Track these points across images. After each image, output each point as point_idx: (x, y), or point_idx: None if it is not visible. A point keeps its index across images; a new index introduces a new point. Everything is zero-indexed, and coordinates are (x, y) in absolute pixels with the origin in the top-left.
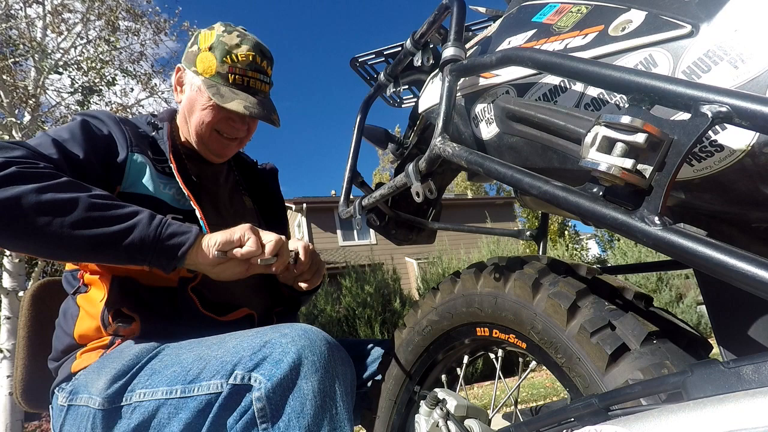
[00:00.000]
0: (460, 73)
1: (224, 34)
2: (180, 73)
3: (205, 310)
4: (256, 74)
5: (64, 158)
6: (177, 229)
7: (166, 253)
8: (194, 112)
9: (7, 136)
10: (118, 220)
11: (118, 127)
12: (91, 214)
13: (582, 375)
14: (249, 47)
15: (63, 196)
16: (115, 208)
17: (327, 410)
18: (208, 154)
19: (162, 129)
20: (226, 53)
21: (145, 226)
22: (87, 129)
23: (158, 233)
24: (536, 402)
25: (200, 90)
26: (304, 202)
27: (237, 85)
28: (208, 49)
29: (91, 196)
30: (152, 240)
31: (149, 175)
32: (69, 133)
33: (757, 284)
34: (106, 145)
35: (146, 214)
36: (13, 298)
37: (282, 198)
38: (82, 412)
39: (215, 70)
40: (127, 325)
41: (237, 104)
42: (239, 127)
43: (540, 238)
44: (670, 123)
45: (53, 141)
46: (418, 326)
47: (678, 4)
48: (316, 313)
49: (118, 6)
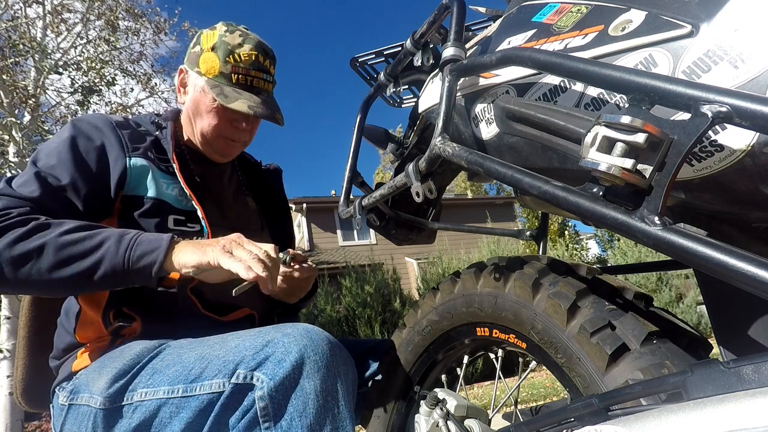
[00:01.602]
0: (460, 73)
1: (226, 34)
2: (183, 74)
3: (206, 311)
4: (260, 73)
5: (45, 192)
6: (146, 248)
7: (140, 274)
8: (200, 114)
9: (7, 136)
10: (87, 254)
11: (114, 133)
12: (61, 254)
13: (582, 375)
14: (251, 46)
15: (32, 244)
16: (83, 241)
17: (329, 409)
18: (213, 154)
19: (166, 128)
20: (229, 53)
21: (112, 255)
22: (74, 148)
23: (127, 258)
24: (536, 402)
25: (204, 91)
26: (304, 202)
27: (240, 84)
28: (211, 49)
29: (59, 234)
30: (123, 266)
31: (152, 177)
32: (56, 158)
33: (757, 284)
34: (97, 157)
35: (113, 240)
36: (13, 298)
37: (286, 199)
38: (83, 412)
39: (218, 71)
40: (128, 324)
41: (241, 104)
42: (243, 127)
43: (540, 238)
44: (670, 123)
45: (35, 175)
46: (418, 326)
47: (678, 4)
48: (316, 313)
49: (117, 6)
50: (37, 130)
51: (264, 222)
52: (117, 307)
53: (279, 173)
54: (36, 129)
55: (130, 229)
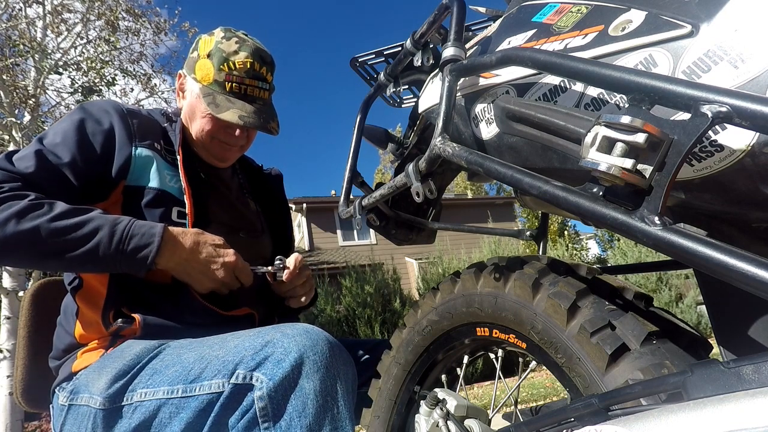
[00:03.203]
0: (460, 73)
1: (223, 41)
2: (181, 79)
3: (207, 303)
4: (254, 81)
5: (40, 168)
6: (138, 242)
7: (131, 267)
8: (195, 119)
9: (7, 136)
10: (79, 243)
11: (123, 120)
12: (54, 240)
13: (582, 375)
14: (247, 54)
15: (24, 226)
16: (76, 229)
17: (329, 410)
18: (211, 159)
19: (176, 123)
20: (224, 60)
21: (105, 247)
22: (81, 129)
23: (120, 250)
24: (536, 402)
25: (199, 98)
26: (304, 202)
27: (234, 93)
28: (207, 56)
29: (51, 219)
30: (114, 258)
31: (156, 168)
32: (62, 136)
33: (757, 284)
34: (104, 141)
35: (106, 231)
36: (13, 298)
37: (286, 203)
38: (83, 412)
39: (212, 78)
40: (128, 325)
41: (232, 114)
42: (238, 135)
43: (540, 238)
44: (670, 123)
45: (36, 152)
46: (418, 326)
47: (678, 4)
48: (316, 313)
49: (117, 6)
50: (37, 130)
51: (264, 225)
52: (116, 308)
53: (280, 178)
54: (36, 129)
55: (122, 217)
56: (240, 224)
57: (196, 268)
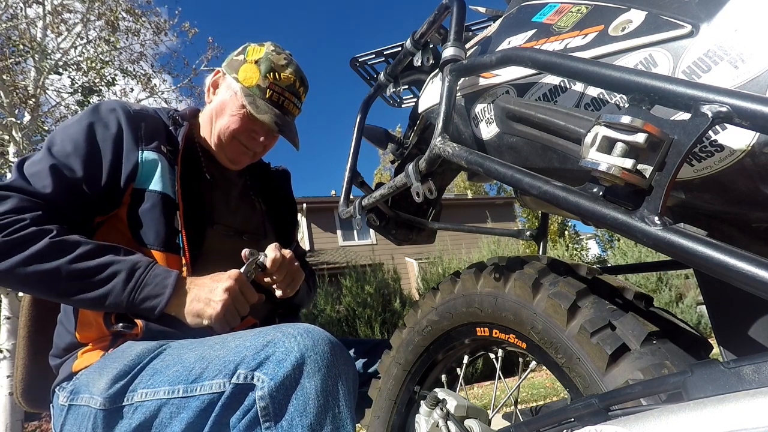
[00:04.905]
0: (460, 73)
1: (273, 54)
2: (218, 75)
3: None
4: (292, 97)
5: (58, 188)
6: (150, 291)
7: (141, 313)
8: (223, 115)
9: (7, 136)
10: (95, 287)
11: (131, 123)
12: (72, 283)
13: (582, 375)
14: (292, 71)
15: (45, 267)
16: (94, 274)
17: (330, 409)
18: (224, 159)
19: (182, 127)
20: (271, 70)
21: (118, 293)
22: (91, 136)
23: (131, 298)
24: (536, 402)
25: (236, 95)
26: (304, 202)
27: (272, 101)
28: (255, 62)
29: (71, 261)
30: (126, 304)
31: (160, 172)
32: (72, 144)
33: (757, 284)
34: (113, 147)
35: (122, 276)
36: (13, 298)
37: (294, 201)
38: (83, 412)
39: (256, 83)
40: (129, 329)
41: (269, 118)
42: (260, 141)
43: (540, 238)
44: (670, 123)
45: (50, 168)
46: (418, 326)
47: (678, 4)
48: (316, 313)
49: (117, 6)
50: (37, 130)
51: (269, 225)
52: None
53: (287, 176)
54: (36, 129)
55: (141, 259)
56: (244, 226)
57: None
